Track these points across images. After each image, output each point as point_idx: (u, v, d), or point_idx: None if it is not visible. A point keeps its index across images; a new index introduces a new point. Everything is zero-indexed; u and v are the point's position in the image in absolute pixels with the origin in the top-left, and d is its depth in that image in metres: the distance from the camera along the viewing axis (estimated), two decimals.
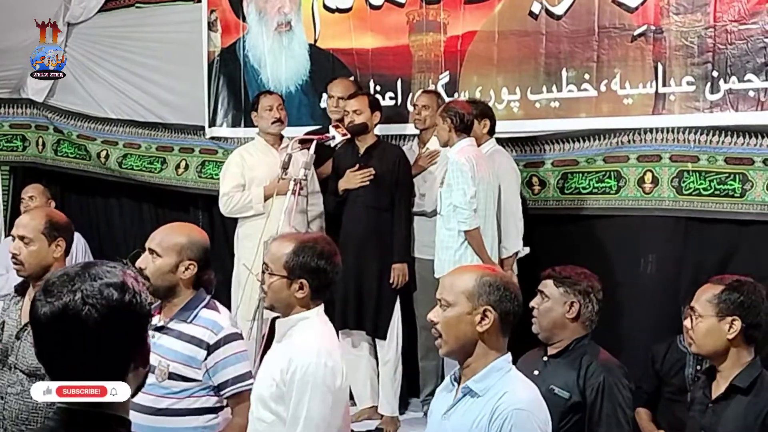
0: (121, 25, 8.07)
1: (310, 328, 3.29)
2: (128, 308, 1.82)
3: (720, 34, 5.24)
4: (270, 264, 3.31)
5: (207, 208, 7.72)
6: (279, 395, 3.21)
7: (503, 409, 2.73)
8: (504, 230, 5.67)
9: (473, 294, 2.84)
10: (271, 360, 3.33)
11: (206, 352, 3.49)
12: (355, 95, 6.12)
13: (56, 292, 1.80)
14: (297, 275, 3.27)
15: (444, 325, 2.86)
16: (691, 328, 3.41)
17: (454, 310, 2.85)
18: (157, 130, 7.91)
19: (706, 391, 3.45)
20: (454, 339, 2.85)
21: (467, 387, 2.85)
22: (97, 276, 1.82)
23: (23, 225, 3.96)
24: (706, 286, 3.47)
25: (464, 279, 2.89)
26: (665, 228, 5.59)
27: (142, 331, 1.88)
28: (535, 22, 5.93)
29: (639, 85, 5.56)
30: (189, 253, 3.56)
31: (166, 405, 3.48)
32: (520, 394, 2.80)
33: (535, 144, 6.05)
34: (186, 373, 3.49)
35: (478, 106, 5.76)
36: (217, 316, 3.59)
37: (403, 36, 6.53)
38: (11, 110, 8.51)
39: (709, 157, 5.31)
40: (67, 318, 1.77)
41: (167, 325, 3.56)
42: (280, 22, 7.14)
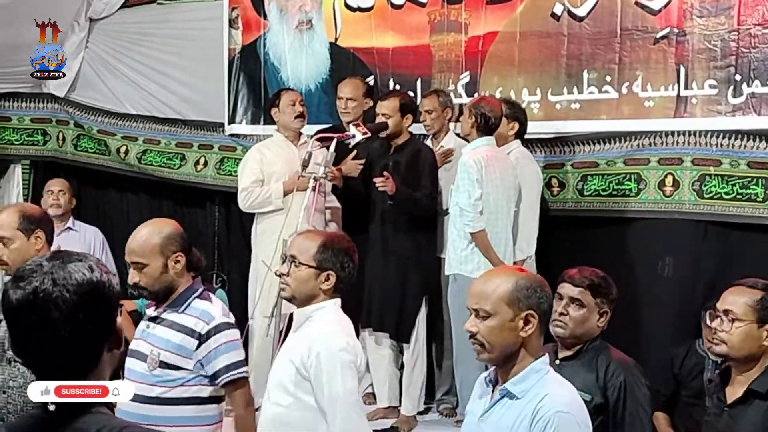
0: (142, 21, 8.10)
1: (327, 316, 3.39)
2: (99, 288, 1.83)
3: (743, 38, 5.22)
4: (298, 255, 3.37)
5: (225, 205, 7.74)
6: (299, 379, 3.28)
7: (545, 412, 2.70)
8: (520, 233, 5.67)
9: (513, 299, 2.78)
10: (289, 347, 3.41)
11: (197, 341, 3.52)
12: (387, 96, 6.11)
13: (26, 278, 1.81)
14: (326, 267, 3.35)
15: (486, 335, 2.78)
16: (722, 329, 3.35)
17: (495, 320, 2.78)
18: (176, 127, 7.93)
19: (720, 395, 3.42)
20: (499, 348, 2.79)
21: (505, 389, 2.81)
22: (66, 260, 1.84)
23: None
24: (739, 288, 3.41)
25: (500, 285, 2.82)
26: (685, 232, 5.56)
27: (113, 311, 1.88)
28: (557, 23, 5.92)
29: (661, 88, 5.54)
30: (171, 247, 3.58)
31: (156, 393, 3.52)
32: (561, 397, 2.77)
33: (555, 145, 6.03)
34: (176, 362, 3.52)
35: (513, 107, 5.76)
36: (208, 306, 3.61)
37: (424, 36, 6.52)
38: (33, 104, 8.55)
39: (731, 161, 5.29)
40: (38, 301, 1.78)
41: (161, 315, 3.60)
42: (301, 20, 7.15)
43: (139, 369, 3.58)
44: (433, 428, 5.90)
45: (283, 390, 3.33)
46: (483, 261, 5.40)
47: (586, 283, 3.65)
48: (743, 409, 3.32)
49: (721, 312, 3.38)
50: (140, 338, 3.65)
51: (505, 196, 5.51)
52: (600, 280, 3.68)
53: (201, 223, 7.95)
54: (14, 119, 8.56)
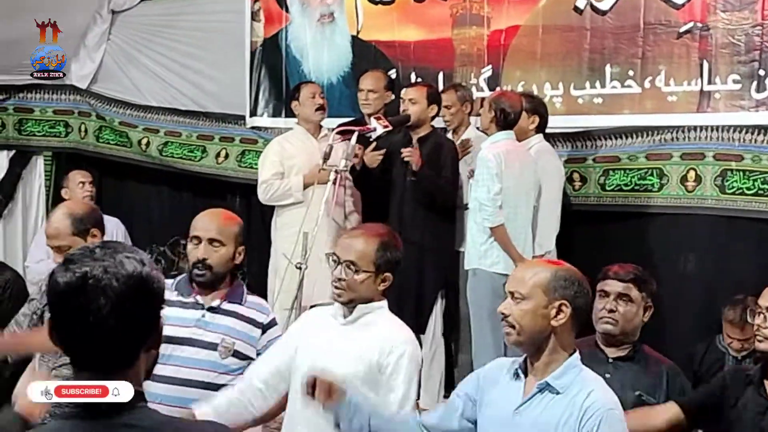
0: (164, 13, 8.11)
1: (390, 317, 3.42)
2: (147, 282, 1.79)
3: (767, 33, 5.19)
4: (357, 261, 3.33)
5: (245, 197, 7.74)
6: (369, 377, 3.28)
7: (596, 409, 2.72)
8: (540, 228, 5.66)
9: (549, 288, 2.83)
10: (354, 341, 3.34)
11: (261, 331, 3.62)
12: (413, 84, 6.12)
13: (77, 262, 1.76)
14: (384, 270, 3.35)
15: (519, 317, 2.84)
16: (766, 326, 3.31)
17: (529, 303, 2.84)
18: (198, 119, 7.94)
19: (761, 391, 3.37)
20: (528, 331, 2.84)
21: (545, 383, 2.81)
22: (117, 250, 1.80)
23: (53, 237, 3.87)
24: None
25: (539, 272, 2.89)
26: (707, 227, 5.55)
27: (158, 308, 1.84)
28: (580, 17, 5.91)
29: (684, 83, 5.53)
30: (241, 239, 3.67)
31: (225, 381, 3.54)
32: (607, 394, 2.81)
33: (577, 140, 6.02)
34: (246, 351, 3.59)
35: (533, 101, 5.75)
36: (261, 300, 3.77)
37: (446, 29, 6.52)
38: (55, 96, 8.58)
39: (753, 156, 5.26)
40: (86, 286, 1.73)
41: (221, 306, 3.62)
42: (323, 14, 7.15)
43: (205, 357, 3.57)
44: None
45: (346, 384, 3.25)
46: (502, 255, 5.40)
47: (630, 277, 3.64)
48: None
49: (765, 309, 3.34)
50: (195, 326, 3.60)
51: (524, 191, 5.50)
52: (643, 274, 3.68)
53: None
54: (36, 111, 8.59)
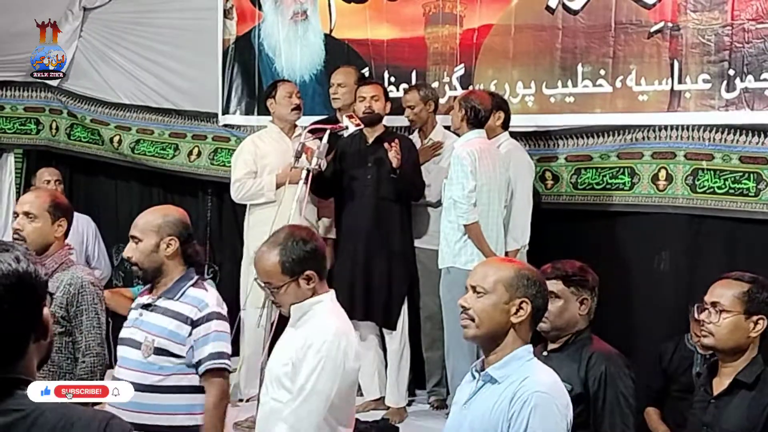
0: (136, 10, 8.07)
1: (325, 311, 3.36)
2: (24, 279, 1.80)
3: (737, 33, 5.22)
4: (270, 280, 3.31)
5: (217, 195, 7.73)
6: (294, 374, 3.25)
7: (523, 392, 2.77)
8: (513, 223, 5.69)
9: (512, 285, 2.89)
10: (288, 342, 3.37)
11: (190, 327, 3.57)
12: (369, 82, 6.13)
13: None
14: (299, 271, 3.29)
15: (479, 311, 2.89)
16: (710, 321, 3.38)
17: (491, 298, 2.90)
18: (170, 117, 7.91)
19: (707, 387, 3.45)
20: (487, 326, 2.89)
21: (487, 374, 2.89)
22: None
23: (29, 202, 4.07)
24: (726, 281, 3.45)
25: (502, 269, 2.95)
26: (678, 226, 5.57)
27: (39, 301, 1.85)
28: (552, 17, 5.92)
29: (654, 82, 5.55)
30: (167, 230, 3.67)
31: (151, 381, 3.54)
32: (541, 379, 2.85)
33: (549, 138, 6.04)
34: (171, 348, 3.56)
35: (496, 98, 5.77)
36: (203, 294, 3.67)
37: (419, 28, 6.52)
38: (26, 93, 8.51)
39: (723, 155, 5.29)
40: None
41: (154, 303, 3.63)
42: (296, 11, 7.14)
43: (133, 357, 3.60)
44: (423, 419, 5.91)
45: (280, 386, 3.31)
46: (476, 253, 5.42)
47: (556, 275, 3.66)
48: (729, 400, 3.36)
49: (709, 304, 3.42)
50: (133, 326, 3.68)
51: (497, 188, 5.53)
52: (572, 269, 3.69)
53: (193, 214, 7.80)
54: (7, 108, 8.52)
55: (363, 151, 6.00)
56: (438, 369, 6.09)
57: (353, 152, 6.02)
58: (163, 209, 3.87)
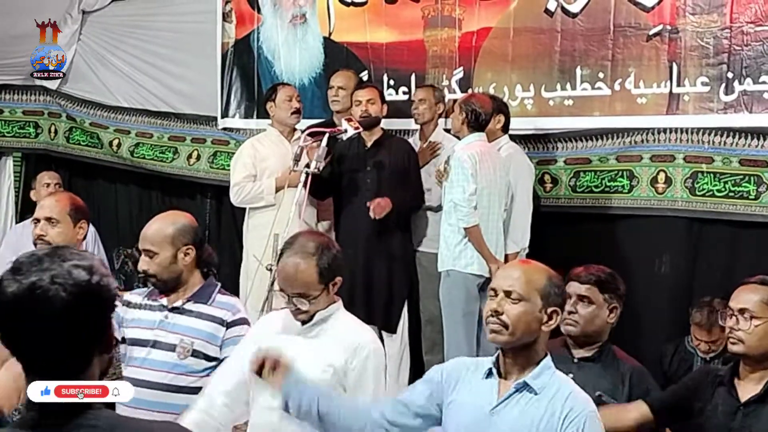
0: (135, 14, 8.06)
1: (348, 317, 3.40)
2: (96, 291, 1.79)
3: (736, 36, 5.23)
4: (308, 291, 3.26)
5: (217, 199, 7.72)
6: (336, 381, 3.24)
7: (579, 411, 2.74)
8: (513, 226, 5.69)
9: (546, 293, 2.84)
10: (318, 347, 3.29)
11: (225, 329, 3.58)
12: (364, 86, 6.13)
13: (24, 271, 1.76)
14: (330, 279, 3.30)
15: (515, 317, 2.81)
16: (739, 328, 3.32)
17: (527, 306, 2.83)
18: (169, 120, 7.91)
19: (732, 391, 3.38)
20: (521, 333, 2.82)
21: (524, 383, 2.80)
22: (66, 258, 1.78)
23: (49, 206, 4.05)
24: (750, 287, 3.39)
25: (536, 275, 2.89)
26: (678, 229, 5.57)
27: (107, 315, 1.84)
28: (551, 20, 5.92)
29: (653, 85, 5.55)
30: (182, 239, 3.61)
31: (186, 383, 3.53)
32: (584, 396, 2.83)
33: (548, 141, 6.04)
34: (208, 350, 3.55)
35: (496, 101, 5.78)
36: (234, 300, 3.74)
37: (417, 31, 6.52)
38: (24, 97, 8.51)
39: (723, 158, 5.30)
40: (34, 297, 1.73)
41: (184, 306, 3.60)
42: (295, 15, 7.14)
43: (164, 358, 3.55)
44: None
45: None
46: (476, 256, 5.42)
47: (593, 280, 3.65)
48: (761, 407, 3.28)
49: (737, 311, 3.35)
50: (158, 328, 3.60)
51: (497, 192, 5.53)
52: (607, 276, 3.68)
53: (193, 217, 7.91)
54: (6, 111, 8.53)
55: (362, 155, 6.00)
56: None
57: (352, 156, 6.02)
58: (171, 217, 3.79)
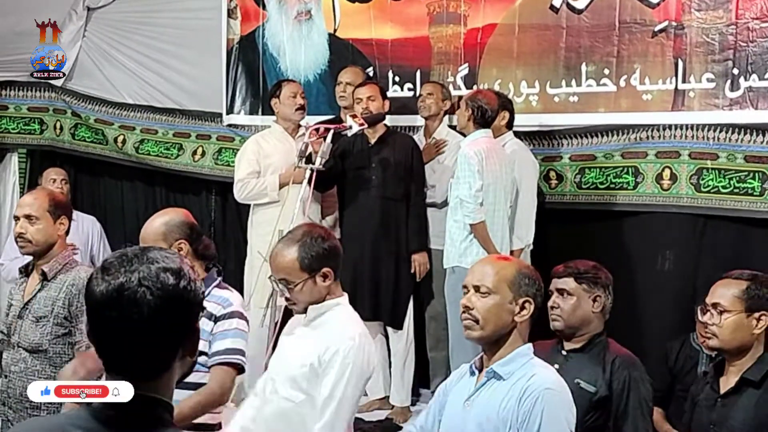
0: (140, 10, 8.07)
1: (344, 314, 3.37)
2: (182, 294, 1.80)
3: (741, 32, 5.22)
4: (287, 277, 3.28)
5: (221, 195, 7.73)
6: (313, 376, 3.24)
7: (533, 389, 2.78)
8: (517, 222, 5.69)
9: (515, 284, 2.90)
10: (304, 342, 3.34)
11: (213, 323, 3.58)
12: (365, 83, 6.13)
13: (113, 271, 1.77)
14: (317, 268, 3.28)
15: (484, 311, 2.88)
16: (713, 323, 3.39)
17: (495, 298, 2.89)
18: (174, 116, 7.91)
19: (714, 385, 3.46)
20: (492, 326, 2.89)
21: (492, 371, 2.88)
22: (155, 260, 1.80)
23: (28, 204, 4.07)
24: (725, 281, 3.47)
25: (504, 268, 2.95)
26: (683, 225, 5.57)
27: (193, 318, 1.85)
28: (556, 16, 5.91)
29: (658, 81, 5.54)
30: (174, 235, 3.66)
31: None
32: (549, 376, 2.87)
33: (553, 138, 6.04)
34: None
35: (500, 97, 5.77)
36: (228, 294, 3.72)
37: (423, 27, 6.52)
38: (29, 93, 8.52)
39: (728, 154, 5.29)
40: (122, 298, 1.75)
41: None
42: (300, 11, 7.14)
43: None
44: None
45: (295, 386, 3.29)
46: (482, 252, 5.41)
47: (568, 272, 3.70)
48: (736, 399, 3.36)
49: (710, 306, 3.43)
50: None
51: (502, 188, 5.53)
52: (585, 267, 3.71)
53: (197, 213, 7.88)
54: (11, 108, 8.53)
55: (366, 152, 6.00)
56: (442, 369, 6.08)
57: (356, 152, 6.02)
58: (164, 214, 3.82)
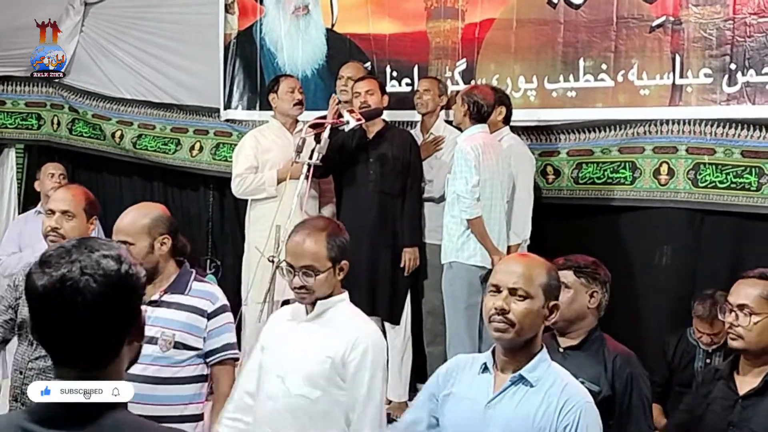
0: (137, 5, 8.06)
1: (351, 309, 3.41)
2: (125, 280, 1.81)
3: (739, 27, 5.22)
4: (314, 263, 3.28)
5: (219, 190, 7.73)
6: (333, 373, 3.24)
7: (575, 402, 2.76)
8: (514, 217, 5.70)
9: (548, 288, 2.86)
10: (317, 338, 3.31)
11: (206, 320, 3.62)
12: (364, 77, 6.13)
13: (54, 263, 1.78)
14: (339, 260, 3.34)
15: (522, 315, 2.81)
16: (738, 324, 3.34)
17: (534, 303, 2.83)
18: (172, 112, 7.91)
19: (731, 385, 3.41)
20: (529, 330, 2.83)
21: (519, 376, 2.82)
22: (94, 248, 1.81)
23: (65, 200, 4.04)
24: (750, 281, 3.41)
25: (540, 272, 2.88)
26: (680, 220, 5.57)
27: (137, 303, 1.87)
28: (554, 11, 5.91)
29: (656, 76, 5.54)
30: (158, 229, 3.64)
31: (169, 374, 3.57)
32: (580, 387, 2.85)
33: (550, 133, 6.04)
34: (190, 341, 3.60)
35: (497, 92, 5.78)
36: (211, 288, 3.77)
37: (420, 22, 6.51)
38: (27, 89, 8.52)
39: (725, 149, 5.29)
40: (64, 289, 1.76)
41: (162, 299, 3.62)
42: (298, 6, 7.13)
43: (144, 351, 3.56)
44: None
45: (311, 383, 3.27)
46: (479, 248, 5.42)
47: (567, 265, 3.67)
48: (758, 400, 3.31)
49: (736, 307, 3.37)
50: None
51: (499, 183, 5.53)
52: (584, 262, 3.70)
53: (195, 209, 7.94)
54: (8, 103, 8.53)
55: (364, 146, 6.00)
56: (440, 363, 5.96)
57: (354, 147, 6.01)
58: (144, 207, 3.80)
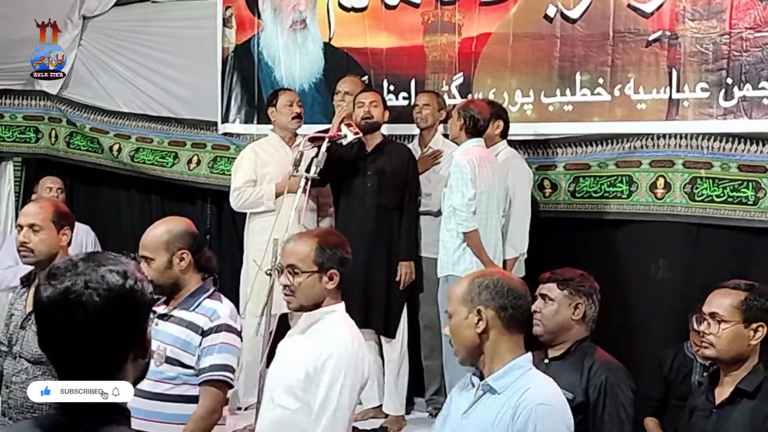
0: (136, 19, 8.08)
1: (339, 321, 3.39)
2: (130, 295, 1.81)
3: (735, 41, 5.23)
4: (297, 263, 3.32)
5: (217, 204, 7.74)
6: (308, 383, 3.25)
7: (526, 405, 2.76)
8: (511, 231, 5.70)
9: (466, 298, 2.89)
10: (299, 350, 3.35)
11: (201, 337, 3.55)
12: (367, 89, 6.15)
13: (59, 276, 1.79)
14: (327, 267, 3.34)
15: (452, 335, 2.92)
16: (710, 332, 3.38)
17: (455, 319, 2.91)
18: (169, 125, 7.92)
19: (709, 396, 3.45)
20: (461, 346, 2.90)
21: (487, 384, 2.87)
22: (101, 263, 1.82)
23: (32, 214, 4.04)
24: (723, 291, 3.45)
25: (459, 286, 2.95)
26: (677, 234, 5.57)
27: (143, 319, 1.87)
28: (550, 25, 5.93)
29: (653, 91, 5.55)
30: (177, 244, 3.64)
31: (161, 390, 3.53)
32: (542, 390, 2.84)
33: (547, 147, 6.05)
34: (182, 358, 3.54)
35: (495, 107, 5.79)
36: (218, 306, 3.66)
37: (417, 36, 6.53)
38: (25, 102, 8.53)
39: (722, 164, 5.30)
40: (68, 302, 1.76)
41: (170, 313, 3.62)
42: (295, 20, 7.15)
43: None
44: (421, 427, 5.90)
45: (291, 394, 3.30)
46: (475, 261, 5.42)
47: (552, 279, 3.71)
48: (731, 409, 3.35)
49: (707, 315, 3.41)
50: None
51: (495, 197, 5.54)
52: (570, 275, 3.72)
53: (193, 222, 7.91)
54: (6, 116, 8.54)
55: (362, 160, 6.00)
56: (437, 377, 6.08)
57: (352, 160, 6.02)
58: (167, 222, 3.81)
